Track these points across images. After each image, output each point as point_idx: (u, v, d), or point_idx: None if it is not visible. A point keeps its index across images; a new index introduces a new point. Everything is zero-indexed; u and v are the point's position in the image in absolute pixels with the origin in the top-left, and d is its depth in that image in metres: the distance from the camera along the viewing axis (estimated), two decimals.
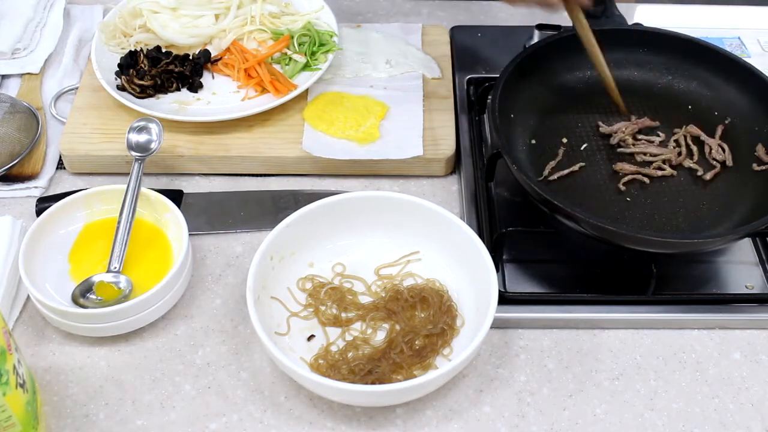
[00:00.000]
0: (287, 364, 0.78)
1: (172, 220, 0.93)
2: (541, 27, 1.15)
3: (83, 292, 0.87)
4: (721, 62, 1.03)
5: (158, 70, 1.08)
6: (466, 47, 1.20)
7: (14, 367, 0.72)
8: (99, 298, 0.87)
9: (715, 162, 0.98)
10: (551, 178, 0.96)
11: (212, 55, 1.13)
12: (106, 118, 1.07)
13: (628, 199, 0.95)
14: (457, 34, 1.23)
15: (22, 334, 0.88)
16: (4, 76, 1.16)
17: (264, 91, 1.09)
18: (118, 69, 1.10)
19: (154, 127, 0.99)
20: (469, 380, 0.85)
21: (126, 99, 1.05)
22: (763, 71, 1.01)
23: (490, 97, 0.98)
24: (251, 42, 1.15)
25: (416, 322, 0.87)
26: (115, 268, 0.88)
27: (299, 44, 1.12)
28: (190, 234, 0.90)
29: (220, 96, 1.10)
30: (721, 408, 0.84)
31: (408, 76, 1.14)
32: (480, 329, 0.80)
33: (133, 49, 1.11)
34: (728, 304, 0.91)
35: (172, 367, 0.86)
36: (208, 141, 1.05)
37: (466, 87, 1.13)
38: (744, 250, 0.96)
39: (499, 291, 0.85)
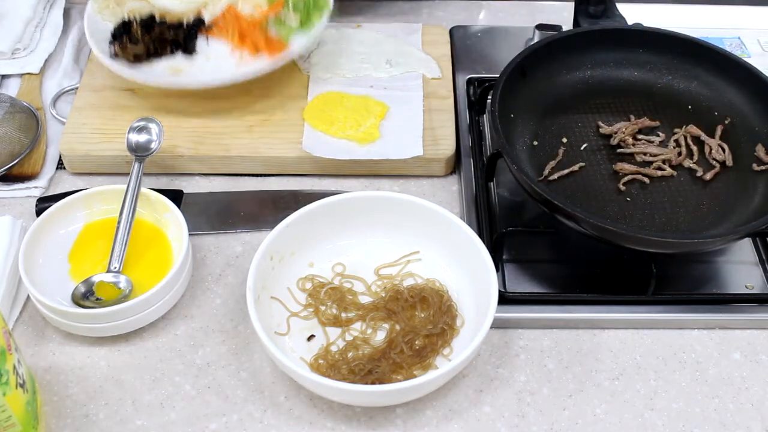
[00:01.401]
0: (287, 364, 0.78)
1: (172, 220, 0.93)
2: (541, 27, 1.16)
3: (83, 292, 0.87)
4: (721, 62, 1.03)
5: (151, 37, 1.07)
6: (466, 47, 1.20)
7: (14, 367, 0.72)
8: (99, 298, 0.87)
9: (715, 162, 0.98)
10: (551, 178, 0.96)
11: (207, 18, 1.11)
12: (106, 118, 1.07)
13: (628, 199, 0.95)
14: (457, 34, 1.23)
15: (22, 334, 0.88)
16: (4, 76, 1.16)
17: (257, 52, 1.07)
18: (111, 38, 1.08)
19: (154, 127, 0.99)
20: (469, 380, 0.85)
21: (119, 66, 1.04)
22: (763, 71, 1.01)
23: (490, 97, 0.98)
24: (246, 6, 1.11)
25: (416, 322, 0.87)
26: (115, 268, 0.88)
27: (293, 6, 1.09)
28: (190, 234, 0.90)
29: (215, 61, 1.08)
30: (721, 408, 0.84)
31: (408, 76, 1.14)
32: (480, 329, 0.80)
33: (126, 18, 1.09)
34: (728, 304, 0.91)
35: (172, 367, 0.86)
36: (208, 141, 1.05)
37: (466, 87, 1.14)
38: (744, 250, 0.96)
39: (499, 291, 0.85)
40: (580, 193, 0.95)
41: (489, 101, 1.02)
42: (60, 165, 1.06)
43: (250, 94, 1.11)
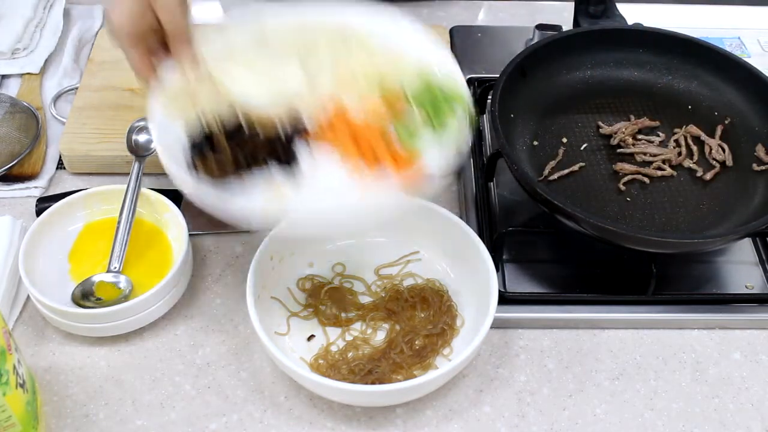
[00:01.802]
0: (287, 364, 0.78)
1: (172, 220, 0.93)
2: (541, 27, 1.16)
3: (83, 292, 0.87)
4: (721, 62, 1.03)
5: (240, 145, 0.82)
6: (466, 47, 1.20)
7: (14, 367, 0.72)
8: (99, 298, 0.87)
9: (715, 162, 0.98)
10: (551, 177, 0.96)
11: (307, 120, 0.84)
12: (106, 118, 1.07)
13: (628, 199, 0.95)
14: (457, 34, 1.23)
15: (22, 334, 0.88)
16: (4, 76, 1.16)
17: (378, 163, 0.80)
18: (189, 148, 0.82)
19: None
20: (469, 380, 0.85)
21: (202, 190, 0.78)
22: (763, 71, 1.01)
23: (490, 97, 0.98)
24: (353, 98, 0.86)
25: (416, 322, 0.87)
26: (115, 268, 0.88)
27: (415, 101, 0.83)
28: (190, 234, 0.90)
29: (324, 178, 0.82)
30: (721, 408, 0.84)
31: None
32: (480, 329, 0.80)
33: (204, 124, 0.83)
34: (728, 304, 0.91)
35: (172, 367, 0.86)
36: None
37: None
38: (744, 250, 0.96)
39: (499, 291, 0.85)
40: (580, 193, 0.95)
41: (489, 101, 1.01)
42: (60, 165, 1.06)
43: None
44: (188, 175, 0.78)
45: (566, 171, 0.96)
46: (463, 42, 1.21)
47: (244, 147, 0.81)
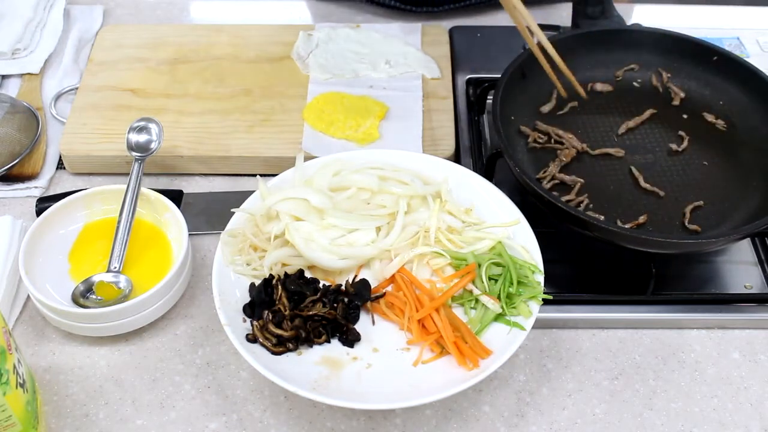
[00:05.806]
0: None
1: (171, 220, 0.93)
2: (540, 27, 1.15)
3: (83, 292, 0.87)
4: (721, 62, 1.04)
5: (303, 315, 0.81)
6: (465, 47, 1.20)
7: (14, 367, 0.72)
8: (99, 297, 0.87)
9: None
10: (555, 174, 0.96)
11: (372, 287, 0.85)
12: (106, 118, 1.07)
13: (629, 199, 0.95)
14: (456, 34, 1.23)
15: (22, 334, 0.88)
16: (4, 76, 1.16)
17: (444, 351, 0.80)
18: (246, 307, 0.82)
19: (154, 127, 0.99)
20: None
21: (256, 358, 0.77)
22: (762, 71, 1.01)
23: (489, 97, 0.98)
24: (423, 267, 0.87)
25: None
26: (115, 267, 0.89)
27: (489, 278, 0.83)
28: (190, 234, 0.90)
29: (384, 354, 0.81)
30: (719, 407, 0.84)
31: (407, 77, 1.14)
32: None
33: (268, 276, 0.84)
34: (727, 304, 0.91)
35: (171, 367, 0.86)
36: (208, 141, 1.05)
37: (465, 87, 1.14)
38: (743, 250, 0.96)
39: None
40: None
41: (488, 101, 1.02)
42: (60, 165, 1.06)
43: (250, 94, 1.11)
44: (243, 345, 0.78)
45: (568, 180, 0.96)
46: (463, 42, 1.21)
47: (306, 321, 0.81)
